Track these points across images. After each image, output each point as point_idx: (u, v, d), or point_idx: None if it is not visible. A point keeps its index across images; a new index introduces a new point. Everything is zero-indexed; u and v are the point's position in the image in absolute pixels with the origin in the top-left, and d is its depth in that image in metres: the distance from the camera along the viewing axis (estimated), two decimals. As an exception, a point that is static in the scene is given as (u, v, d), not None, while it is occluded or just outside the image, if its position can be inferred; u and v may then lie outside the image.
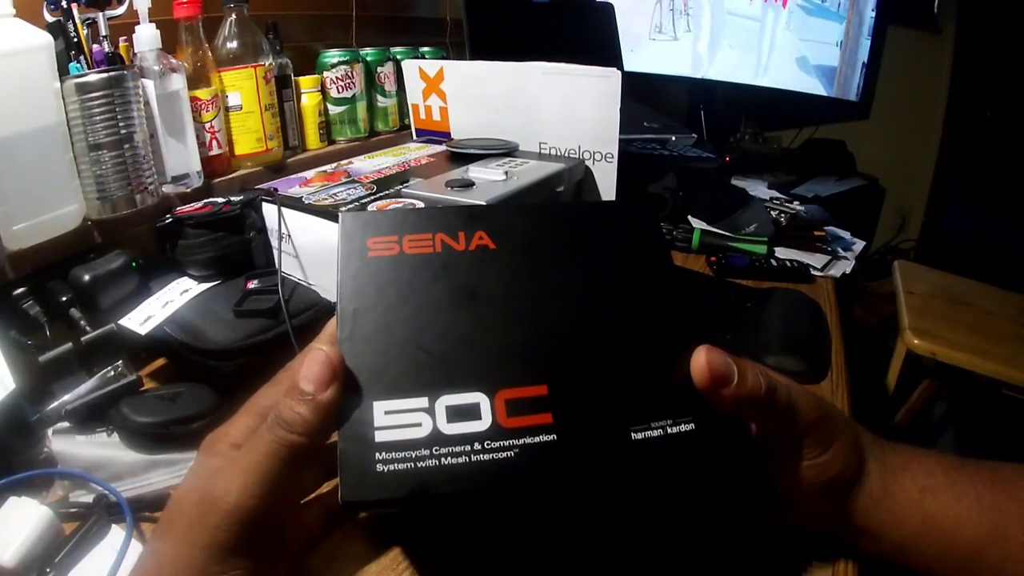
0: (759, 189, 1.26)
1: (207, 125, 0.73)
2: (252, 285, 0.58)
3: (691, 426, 0.28)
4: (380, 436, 0.27)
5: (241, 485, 0.25)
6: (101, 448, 0.47)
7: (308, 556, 0.33)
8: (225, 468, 0.25)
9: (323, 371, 0.26)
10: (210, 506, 0.24)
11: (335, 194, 0.65)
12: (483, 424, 0.27)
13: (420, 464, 0.26)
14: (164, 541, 0.26)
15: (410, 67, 0.91)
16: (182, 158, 0.69)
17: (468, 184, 0.65)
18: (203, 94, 0.72)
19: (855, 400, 0.62)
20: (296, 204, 0.63)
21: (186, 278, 0.60)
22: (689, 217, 0.94)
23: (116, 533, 0.39)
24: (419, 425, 0.27)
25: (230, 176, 0.77)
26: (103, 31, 0.62)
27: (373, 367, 0.29)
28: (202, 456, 0.28)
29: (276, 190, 0.66)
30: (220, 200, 0.64)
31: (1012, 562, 0.25)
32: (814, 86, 1.67)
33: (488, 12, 1.05)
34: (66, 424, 0.48)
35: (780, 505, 0.31)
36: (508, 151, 0.80)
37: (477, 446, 0.27)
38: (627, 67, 1.30)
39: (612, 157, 0.79)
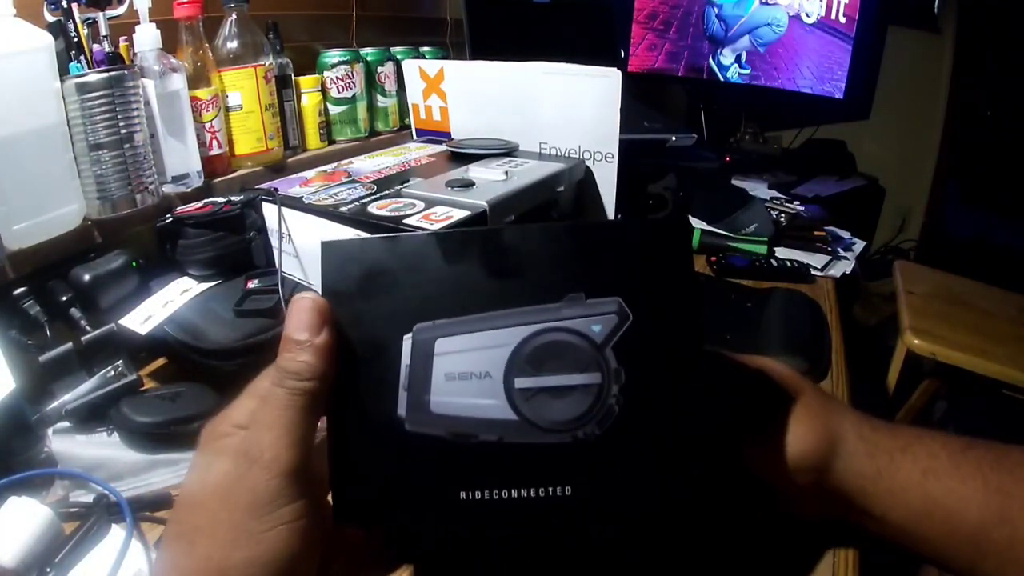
0: (759, 189, 1.26)
1: (207, 125, 0.73)
2: (252, 285, 0.58)
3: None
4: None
5: (273, 439, 0.24)
6: (101, 448, 0.47)
7: None
8: (248, 436, 0.25)
9: (312, 317, 0.26)
10: (247, 468, 0.24)
11: (335, 194, 0.65)
12: None
13: None
14: (188, 525, 0.25)
15: (410, 67, 0.91)
16: (182, 158, 0.69)
17: (468, 184, 0.65)
18: (203, 94, 0.72)
19: (855, 400, 0.62)
20: (296, 204, 0.63)
21: (186, 278, 0.60)
22: (689, 217, 0.94)
23: (116, 533, 0.40)
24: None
25: (230, 176, 0.77)
26: (103, 31, 0.62)
27: None
28: (209, 441, 0.27)
29: (276, 190, 0.66)
30: (220, 200, 0.64)
31: (1019, 546, 0.24)
32: (814, 86, 1.67)
33: (488, 12, 1.05)
34: (66, 424, 0.48)
35: (765, 494, 0.30)
36: (508, 151, 0.80)
37: None
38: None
39: (612, 157, 0.79)
